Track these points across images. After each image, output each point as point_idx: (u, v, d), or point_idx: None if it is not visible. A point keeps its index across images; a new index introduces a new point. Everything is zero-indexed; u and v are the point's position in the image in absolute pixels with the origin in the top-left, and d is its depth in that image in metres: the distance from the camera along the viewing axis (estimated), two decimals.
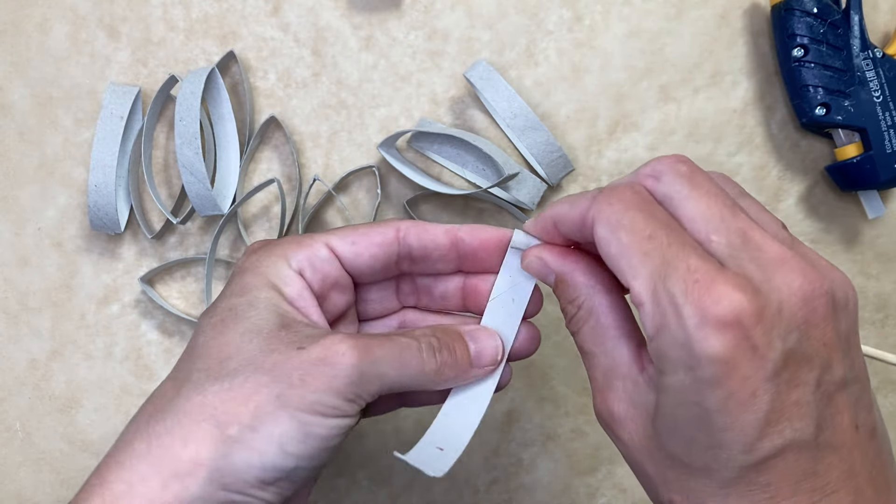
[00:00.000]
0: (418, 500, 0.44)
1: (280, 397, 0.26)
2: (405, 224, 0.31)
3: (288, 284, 0.29)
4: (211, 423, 0.26)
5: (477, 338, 0.31)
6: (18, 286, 0.43)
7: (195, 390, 0.27)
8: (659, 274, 0.23)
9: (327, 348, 0.27)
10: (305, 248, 0.30)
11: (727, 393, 0.22)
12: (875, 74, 0.39)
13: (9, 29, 0.42)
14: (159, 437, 0.26)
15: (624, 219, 0.25)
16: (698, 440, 0.23)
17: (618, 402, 0.26)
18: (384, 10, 0.42)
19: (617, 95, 0.42)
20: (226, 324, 0.28)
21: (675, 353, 0.23)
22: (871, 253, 0.43)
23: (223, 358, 0.27)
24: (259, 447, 0.26)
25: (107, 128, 0.39)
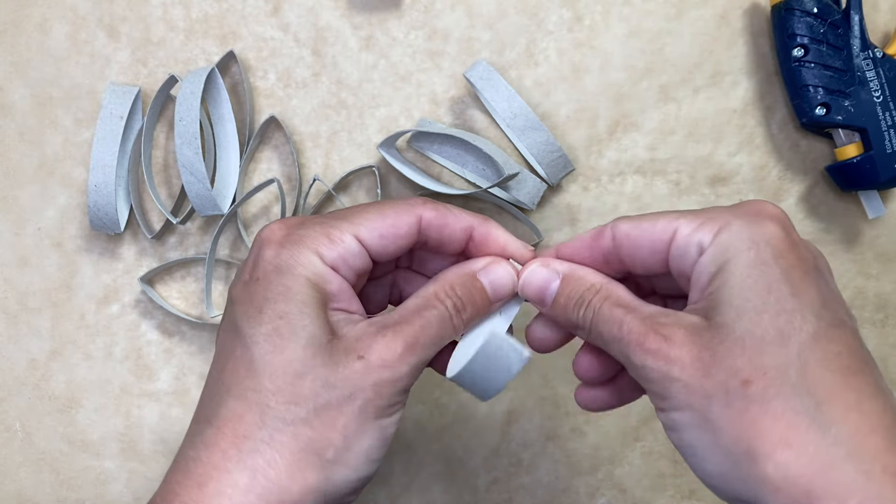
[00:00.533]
0: (418, 500, 0.44)
1: (362, 412, 0.27)
2: (427, 214, 0.31)
3: (329, 282, 0.29)
4: (310, 452, 0.27)
5: (490, 273, 0.31)
6: (18, 286, 0.43)
7: (282, 421, 0.27)
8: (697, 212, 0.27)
9: (384, 353, 0.28)
10: (337, 244, 0.29)
11: (790, 265, 0.25)
12: (875, 74, 0.39)
13: (9, 29, 0.42)
14: (262, 470, 0.26)
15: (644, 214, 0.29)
16: (771, 307, 0.24)
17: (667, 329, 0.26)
18: (384, 10, 0.42)
19: (617, 95, 0.42)
20: (282, 335, 0.28)
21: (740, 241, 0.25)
22: (871, 253, 0.43)
23: (293, 377, 0.27)
24: (353, 464, 0.27)
25: (107, 128, 0.39)
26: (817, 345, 0.24)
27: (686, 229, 0.27)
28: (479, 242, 0.31)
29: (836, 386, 0.23)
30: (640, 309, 0.28)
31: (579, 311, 0.29)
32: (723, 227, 0.26)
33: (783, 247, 0.25)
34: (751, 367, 0.24)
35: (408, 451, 0.43)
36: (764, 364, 0.24)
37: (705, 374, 0.25)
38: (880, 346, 0.44)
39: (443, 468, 0.43)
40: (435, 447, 0.43)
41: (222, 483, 0.26)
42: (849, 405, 0.23)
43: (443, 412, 0.43)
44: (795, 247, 0.26)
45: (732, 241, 0.25)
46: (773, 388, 0.23)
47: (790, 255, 0.25)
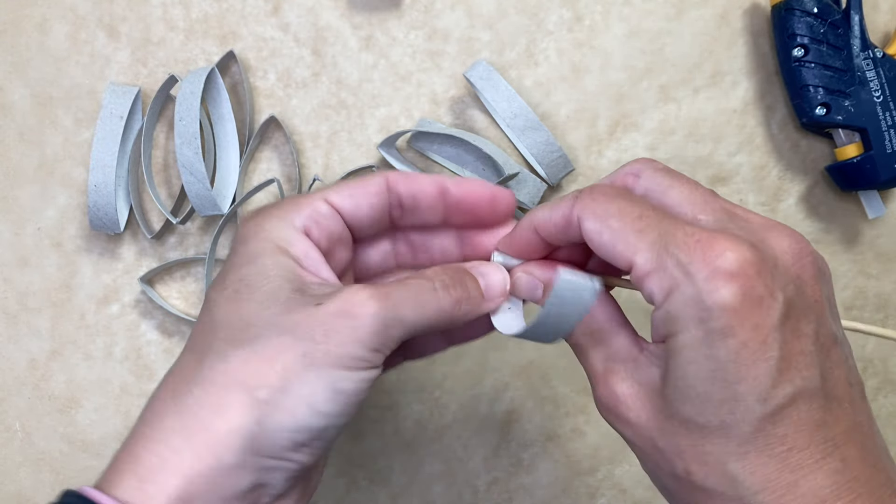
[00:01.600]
0: (418, 500, 0.44)
1: (306, 355, 0.25)
2: (393, 174, 0.30)
3: (294, 245, 0.28)
4: (240, 390, 0.25)
5: (484, 272, 0.31)
6: (18, 286, 0.43)
7: (218, 359, 0.26)
8: (659, 243, 0.24)
9: (346, 300, 0.26)
10: (306, 207, 0.29)
11: (740, 342, 0.23)
12: (875, 74, 0.39)
13: (9, 29, 0.42)
14: (189, 408, 0.26)
15: (610, 208, 0.26)
16: (713, 396, 0.24)
17: (622, 384, 0.26)
18: (384, 10, 0.42)
19: (617, 95, 0.42)
20: (240, 294, 0.27)
21: (687, 311, 0.24)
22: (871, 253, 0.43)
23: (243, 326, 0.27)
24: (290, 409, 0.25)
25: (107, 128, 0.39)
26: (760, 433, 0.23)
27: (640, 269, 0.25)
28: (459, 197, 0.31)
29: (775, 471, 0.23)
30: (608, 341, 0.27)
31: None
32: (673, 286, 0.24)
33: (736, 319, 0.23)
34: (692, 456, 0.24)
35: (408, 451, 0.43)
36: (706, 454, 0.24)
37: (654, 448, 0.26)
38: (880, 346, 0.44)
39: (443, 468, 0.43)
40: (435, 447, 0.43)
41: (154, 429, 0.26)
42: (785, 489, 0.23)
43: (443, 412, 0.43)
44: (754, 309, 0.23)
45: (680, 310, 0.24)
46: (713, 478, 0.24)
47: (744, 327, 0.23)
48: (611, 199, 0.26)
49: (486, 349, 0.43)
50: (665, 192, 0.27)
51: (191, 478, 0.25)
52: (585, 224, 0.26)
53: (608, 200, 0.26)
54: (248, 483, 0.26)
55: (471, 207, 0.31)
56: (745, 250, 0.23)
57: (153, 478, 0.25)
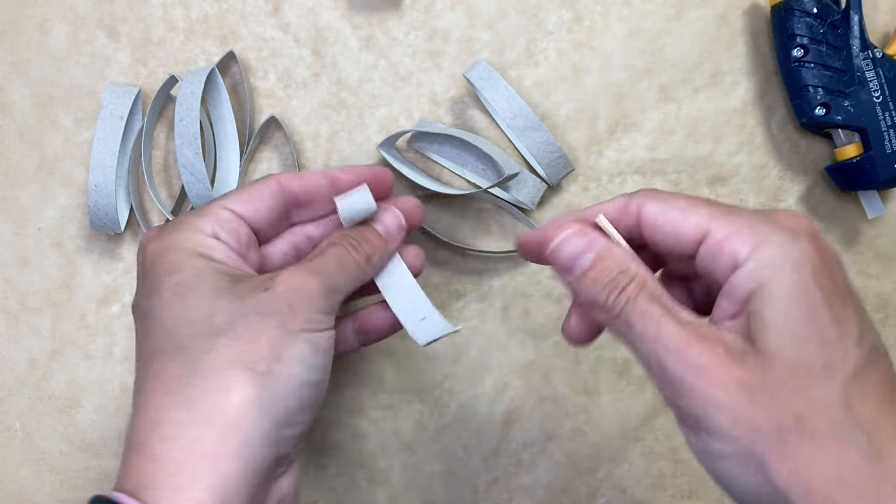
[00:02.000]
0: (417, 500, 0.44)
1: (282, 326, 0.28)
2: (284, 175, 0.33)
3: (213, 249, 0.30)
4: (239, 367, 0.27)
5: (380, 219, 0.34)
6: (18, 286, 0.43)
7: (205, 351, 0.27)
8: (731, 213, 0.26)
9: (290, 280, 0.29)
10: (210, 216, 0.31)
11: (830, 288, 0.24)
12: (875, 74, 0.39)
13: (9, 29, 0.42)
14: (195, 399, 0.26)
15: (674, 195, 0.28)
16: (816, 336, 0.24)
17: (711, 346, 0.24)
18: (384, 10, 0.42)
19: (617, 95, 0.42)
20: (182, 296, 0.28)
21: (780, 258, 0.24)
22: (871, 253, 0.43)
23: (204, 318, 0.28)
24: (288, 372, 0.27)
25: (107, 128, 0.39)
26: (859, 376, 0.24)
27: (720, 233, 0.25)
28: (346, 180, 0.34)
29: (880, 418, 0.23)
30: (677, 312, 0.26)
31: (611, 294, 0.27)
32: (761, 241, 0.25)
33: (822, 270, 0.25)
34: (802, 402, 0.23)
35: (408, 451, 0.43)
36: (814, 398, 0.23)
37: (753, 404, 0.23)
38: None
39: (443, 468, 0.43)
40: (435, 447, 0.43)
41: (162, 428, 0.26)
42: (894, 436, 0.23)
43: (443, 412, 0.43)
44: (831, 269, 0.25)
45: (773, 259, 0.24)
46: (825, 423, 0.23)
47: (829, 280, 0.25)
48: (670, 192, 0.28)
49: (487, 349, 0.43)
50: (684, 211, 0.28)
51: (222, 458, 0.25)
52: (647, 207, 0.27)
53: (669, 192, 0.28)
54: (272, 456, 0.27)
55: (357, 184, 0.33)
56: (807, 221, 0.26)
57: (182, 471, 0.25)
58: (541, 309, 0.43)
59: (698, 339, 0.25)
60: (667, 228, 0.27)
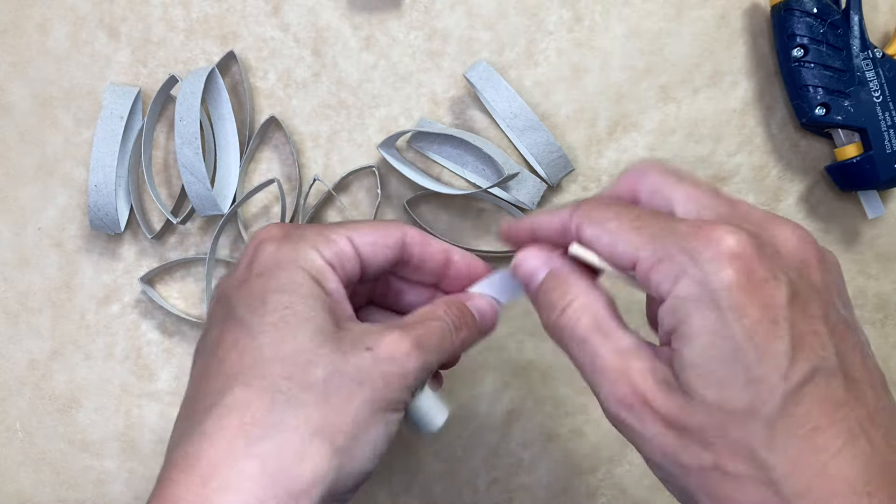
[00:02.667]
0: (418, 500, 0.44)
1: (371, 402, 0.27)
2: (412, 232, 0.32)
3: (328, 280, 0.29)
4: (321, 437, 0.26)
5: (476, 305, 0.32)
6: (18, 286, 0.43)
7: (292, 404, 0.26)
8: (661, 236, 0.25)
9: (392, 346, 0.28)
10: (333, 244, 0.30)
11: (753, 321, 0.23)
12: (875, 74, 0.39)
13: (9, 29, 0.42)
14: (271, 456, 0.25)
15: (607, 213, 0.26)
16: (737, 378, 0.23)
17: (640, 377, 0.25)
18: (384, 10, 0.42)
19: (617, 95, 0.42)
20: (289, 324, 0.27)
21: (697, 293, 0.23)
22: (871, 253, 0.43)
23: (304, 364, 0.27)
24: (360, 455, 0.27)
25: (107, 128, 0.39)
26: (784, 412, 0.23)
27: (644, 265, 0.25)
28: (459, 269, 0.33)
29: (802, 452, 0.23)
30: (616, 337, 0.26)
31: (552, 314, 0.28)
32: (680, 274, 0.24)
33: (745, 298, 0.23)
34: (723, 445, 0.23)
35: (408, 451, 0.43)
36: (735, 441, 0.23)
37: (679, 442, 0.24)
38: (880, 346, 0.44)
39: (443, 468, 0.43)
40: (435, 447, 0.43)
41: (230, 474, 0.25)
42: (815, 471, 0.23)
43: None
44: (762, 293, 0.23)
45: (691, 295, 0.23)
46: (744, 465, 0.23)
47: (754, 307, 0.23)
48: (607, 205, 0.27)
49: (487, 349, 0.43)
50: (670, 190, 0.27)
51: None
52: (584, 231, 0.27)
53: (605, 207, 0.27)
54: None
55: (465, 280, 0.33)
56: (744, 236, 0.24)
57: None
58: None
59: (628, 374, 0.25)
60: (604, 255, 0.26)
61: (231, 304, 0.28)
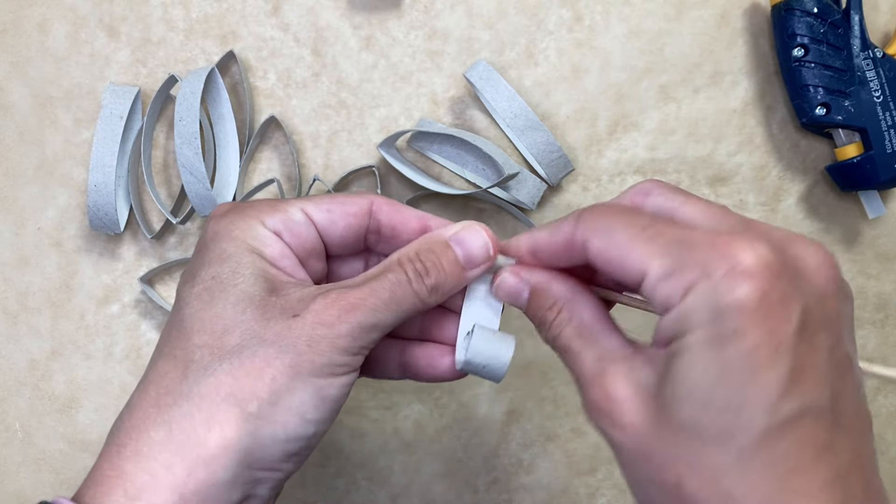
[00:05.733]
0: (418, 500, 0.44)
1: (292, 366, 0.26)
2: (379, 199, 0.30)
3: (268, 246, 0.28)
4: (230, 403, 0.26)
5: (462, 239, 0.29)
6: (18, 286, 0.43)
7: (204, 371, 0.26)
8: (674, 247, 0.23)
9: (321, 312, 0.26)
10: (280, 212, 0.29)
11: (752, 345, 0.21)
12: (875, 74, 0.39)
13: (9, 29, 0.42)
14: (178, 423, 0.25)
15: (615, 222, 0.25)
16: (716, 401, 0.22)
17: (616, 384, 0.25)
18: (384, 10, 0.42)
19: (617, 95, 0.42)
20: (213, 293, 0.27)
21: (701, 310, 0.22)
22: (871, 253, 0.43)
23: (221, 332, 0.27)
24: (282, 420, 0.26)
25: (107, 128, 0.39)
26: (762, 447, 0.21)
27: (653, 276, 0.23)
28: None
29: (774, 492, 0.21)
30: (600, 342, 0.26)
31: (542, 329, 0.28)
32: (690, 286, 0.22)
33: (750, 321, 0.21)
34: (686, 465, 0.22)
35: (408, 451, 0.43)
36: (700, 464, 0.22)
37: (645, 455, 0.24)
38: (880, 346, 0.44)
39: (443, 468, 0.43)
40: (435, 447, 0.43)
41: (140, 442, 0.25)
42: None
43: (443, 412, 0.43)
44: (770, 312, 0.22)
45: (696, 309, 0.22)
46: (705, 491, 0.22)
47: (758, 330, 0.21)
48: (614, 213, 0.25)
49: None
50: (677, 208, 0.25)
51: (183, 495, 0.25)
52: (591, 244, 0.25)
53: (612, 215, 0.25)
54: (239, 496, 0.26)
55: None
56: (766, 251, 0.22)
57: (144, 495, 0.25)
58: None
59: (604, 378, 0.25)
60: (611, 268, 0.25)
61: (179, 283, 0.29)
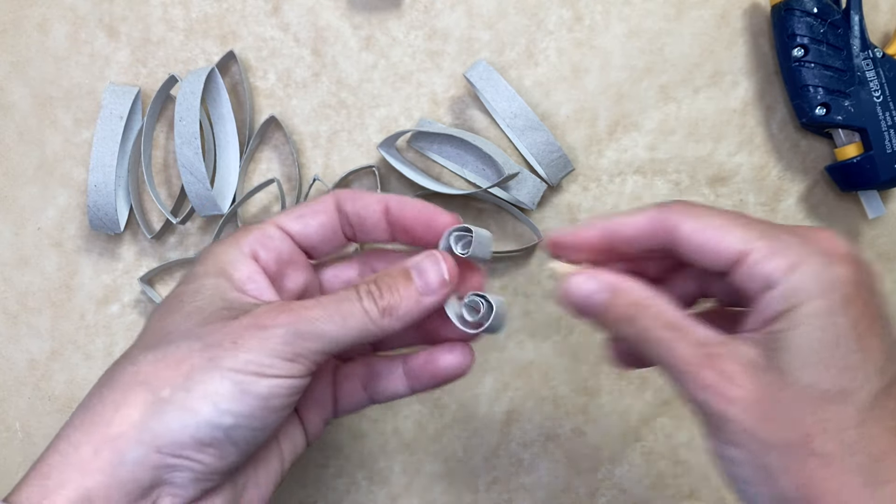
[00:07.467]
0: (418, 500, 0.44)
1: (212, 359, 0.26)
2: (342, 192, 0.32)
3: (238, 269, 0.30)
4: (143, 388, 0.26)
5: (420, 267, 0.30)
6: (18, 286, 0.43)
7: (129, 362, 0.27)
8: (769, 234, 0.26)
9: (258, 315, 0.27)
10: (254, 231, 0.31)
11: (858, 315, 0.25)
12: (875, 74, 0.39)
13: (9, 29, 0.42)
14: (93, 407, 0.27)
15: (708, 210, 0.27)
16: (836, 363, 0.24)
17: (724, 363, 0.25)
18: (384, 10, 0.42)
19: (617, 95, 0.42)
20: (169, 309, 0.29)
21: (812, 283, 0.25)
22: (871, 253, 0.43)
23: (161, 335, 0.28)
24: (193, 406, 0.26)
25: (106, 128, 0.39)
26: (877, 403, 0.24)
27: (758, 255, 0.26)
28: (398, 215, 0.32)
29: (891, 445, 0.24)
30: (692, 331, 0.27)
31: (627, 328, 0.28)
32: (796, 263, 0.25)
33: (853, 295, 0.25)
34: (813, 422, 0.24)
35: (408, 451, 0.43)
36: (826, 420, 0.24)
37: (765, 419, 0.25)
38: None
39: (443, 468, 0.43)
40: (435, 447, 0.43)
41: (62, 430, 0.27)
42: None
43: (443, 412, 0.43)
44: (864, 292, 0.25)
45: (806, 283, 0.25)
46: (832, 444, 0.24)
47: (859, 304, 0.25)
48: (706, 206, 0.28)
49: (487, 349, 0.43)
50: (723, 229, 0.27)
51: (89, 472, 0.25)
52: (684, 225, 0.27)
53: (704, 207, 0.28)
54: (149, 479, 0.26)
55: (409, 225, 0.32)
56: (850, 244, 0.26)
57: (53, 474, 0.26)
58: (541, 309, 0.43)
59: (710, 360, 0.26)
60: (705, 248, 0.27)
61: None
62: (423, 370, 0.33)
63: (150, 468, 0.26)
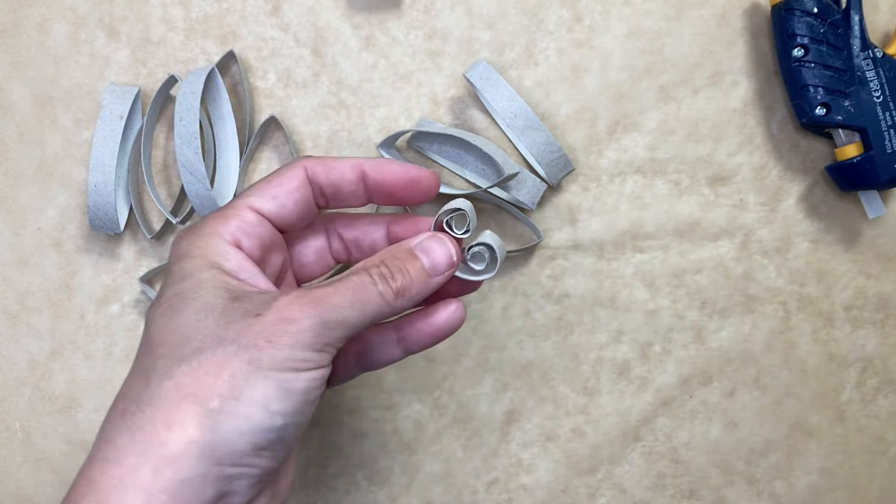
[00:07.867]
0: (417, 500, 0.44)
1: (252, 362, 0.26)
2: (311, 162, 0.31)
3: (227, 259, 0.29)
4: (190, 402, 0.26)
5: (427, 248, 0.31)
6: (18, 286, 0.43)
7: (164, 376, 0.26)
8: None
9: (284, 308, 0.27)
10: (233, 218, 0.30)
11: None
12: (875, 74, 0.39)
13: (9, 29, 0.42)
14: (140, 427, 0.26)
15: None
16: None
17: None
18: (384, 10, 0.42)
19: (617, 95, 0.42)
20: (175, 309, 0.28)
21: None
22: (871, 253, 0.43)
23: (182, 340, 0.27)
24: (245, 413, 0.26)
25: (106, 128, 0.39)
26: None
27: None
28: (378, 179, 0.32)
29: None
30: None
31: None
32: None
33: None
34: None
35: (408, 451, 0.43)
36: None
37: None
38: (880, 346, 0.44)
39: (442, 468, 0.43)
40: (435, 447, 0.43)
41: (107, 451, 0.26)
42: None
43: (443, 412, 0.43)
44: None
45: None
46: None
47: None
48: None
49: (486, 349, 0.43)
50: None
51: (152, 494, 0.25)
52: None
53: None
54: (213, 493, 0.26)
55: (390, 189, 0.32)
56: None
57: (112, 499, 0.25)
58: (541, 309, 0.43)
59: None
60: None
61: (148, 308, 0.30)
62: (420, 333, 0.32)
63: (213, 481, 0.26)
